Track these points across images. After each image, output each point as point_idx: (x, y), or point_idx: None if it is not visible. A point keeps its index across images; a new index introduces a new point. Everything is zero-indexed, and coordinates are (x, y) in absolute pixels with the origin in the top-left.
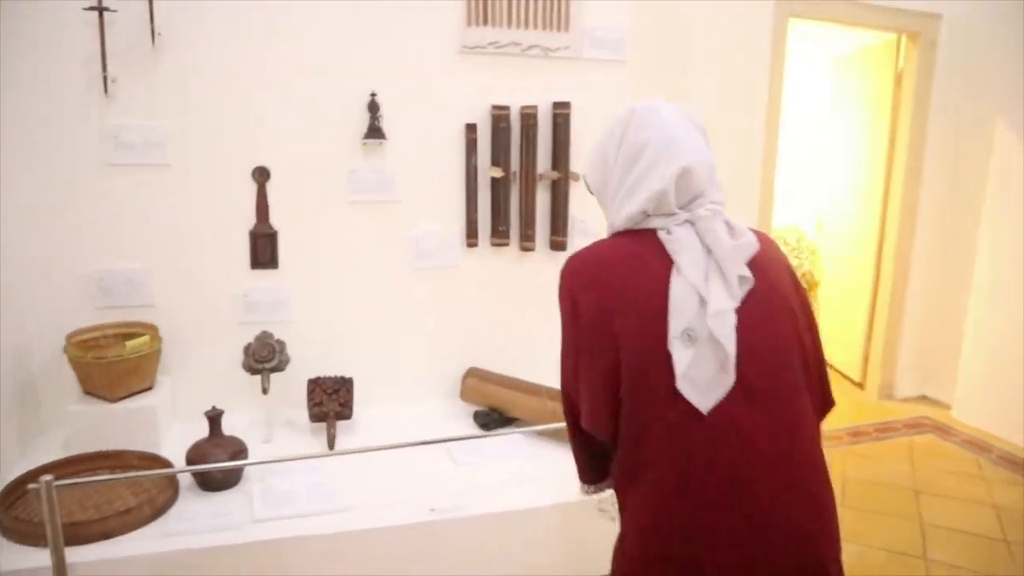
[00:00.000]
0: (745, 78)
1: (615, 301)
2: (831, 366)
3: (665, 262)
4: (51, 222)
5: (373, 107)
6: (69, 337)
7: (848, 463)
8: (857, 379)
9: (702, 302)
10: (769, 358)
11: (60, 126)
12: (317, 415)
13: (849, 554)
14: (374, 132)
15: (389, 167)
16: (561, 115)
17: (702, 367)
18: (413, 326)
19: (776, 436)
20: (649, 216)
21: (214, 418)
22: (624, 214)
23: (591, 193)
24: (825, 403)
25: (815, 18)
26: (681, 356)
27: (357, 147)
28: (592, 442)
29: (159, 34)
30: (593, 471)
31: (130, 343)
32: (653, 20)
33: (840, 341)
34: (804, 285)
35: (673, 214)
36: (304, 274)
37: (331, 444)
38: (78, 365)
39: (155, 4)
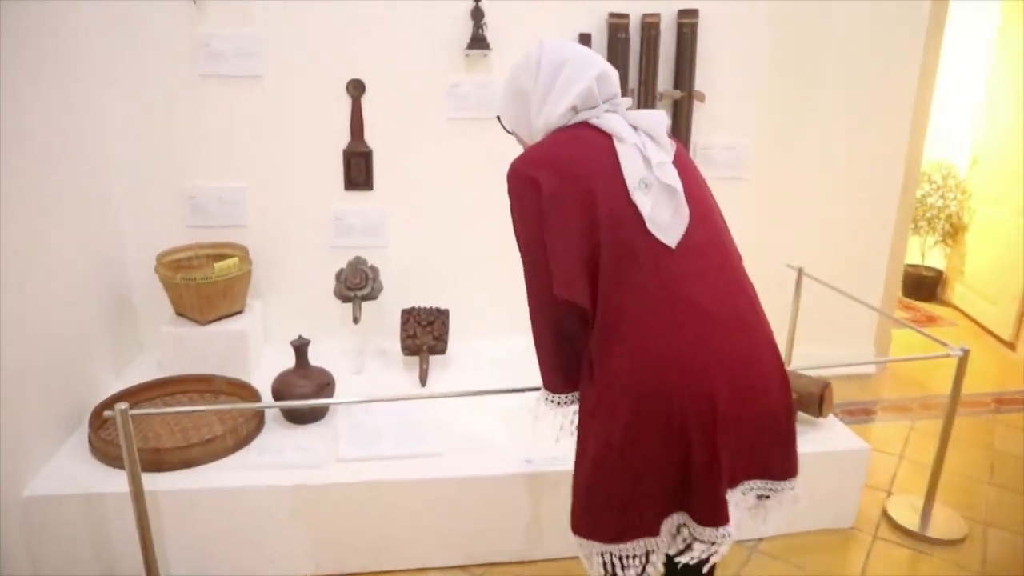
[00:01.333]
0: None
1: (577, 171)
2: (978, 322)
3: (604, 139)
4: (143, 136)
5: (477, 14)
6: (160, 257)
7: (995, 433)
8: (1007, 338)
9: (646, 160)
10: (702, 200)
11: (148, 35)
12: (410, 348)
13: (1003, 544)
14: (478, 42)
15: (494, 81)
16: (687, 25)
17: (660, 209)
18: (516, 254)
19: (726, 264)
20: (577, 112)
21: (300, 347)
22: (556, 114)
23: (507, 131)
24: None
25: None
26: (643, 201)
27: (459, 59)
28: (566, 338)
29: None
30: (565, 375)
31: (219, 265)
32: None
33: (989, 295)
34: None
35: (597, 106)
36: (400, 197)
37: (423, 380)
38: (169, 286)
39: None
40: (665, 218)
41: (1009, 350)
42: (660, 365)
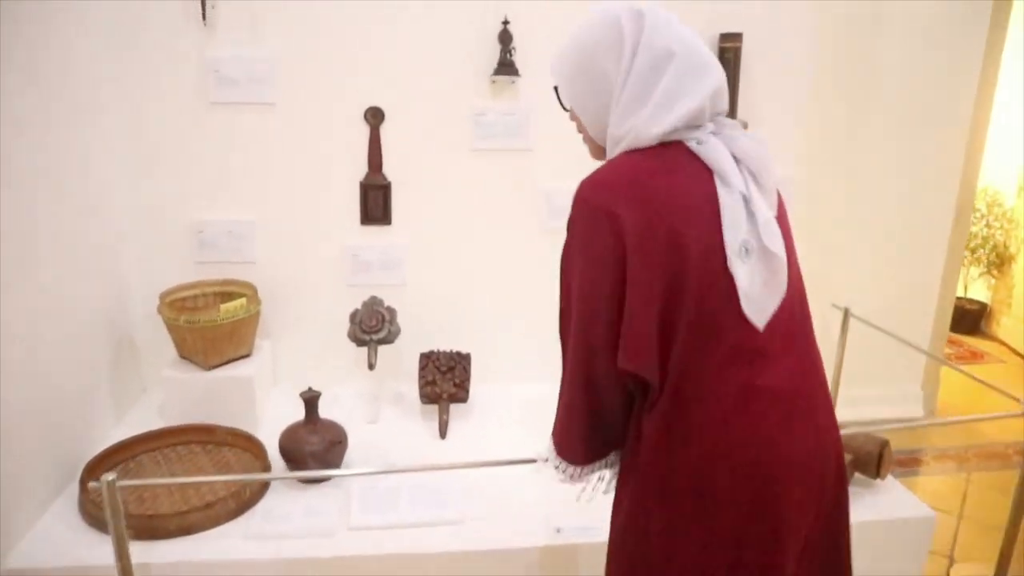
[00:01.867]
0: (960, 5)
1: (670, 214)
2: None
3: (703, 173)
4: (149, 166)
5: (505, 37)
6: (163, 296)
7: None
8: None
9: (750, 215)
10: (793, 262)
11: (155, 59)
12: (429, 396)
13: None
14: (506, 68)
15: (522, 109)
16: (730, 49)
17: (755, 280)
18: (543, 295)
19: (809, 337)
20: (676, 130)
21: (310, 401)
22: (651, 134)
23: (564, 107)
24: None
25: None
26: (741, 273)
27: (485, 85)
28: (606, 413)
29: None
30: (588, 449)
31: (224, 307)
32: None
33: None
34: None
35: (702, 126)
36: (420, 232)
37: (443, 432)
38: (172, 328)
39: None
40: (759, 292)
41: None
42: (741, 471)
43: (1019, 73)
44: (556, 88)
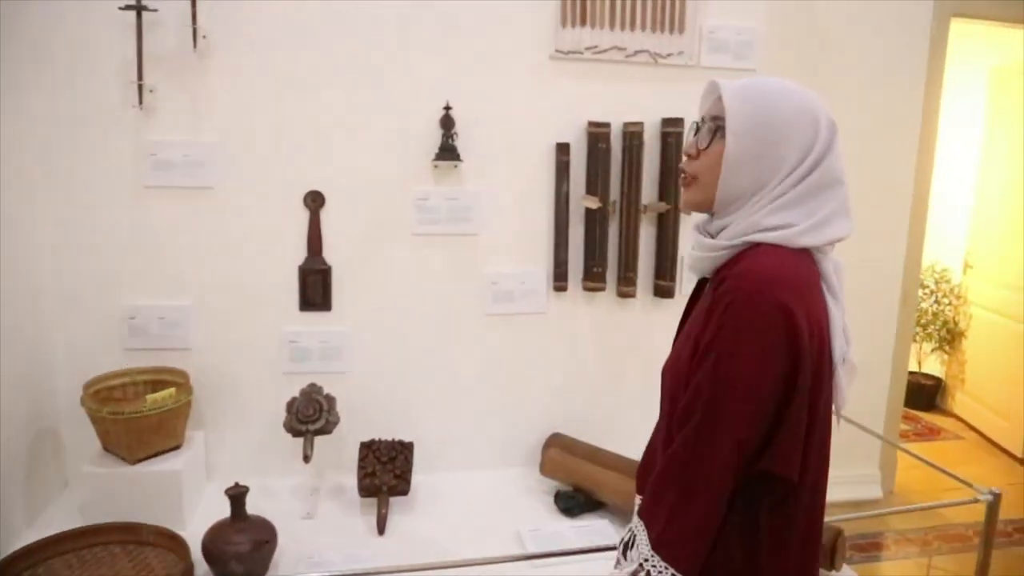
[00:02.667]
0: (896, 90)
1: (819, 323)
2: (983, 435)
3: (817, 281)
4: (79, 250)
5: (447, 123)
6: (87, 386)
7: None
8: (1018, 454)
9: (845, 328)
10: None
11: (89, 142)
12: (368, 489)
13: None
14: (447, 152)
15: (465, 194)
16: (672, 134)
17: (841, 395)
18: (487, 382)
19: None
20: None
21: (236, 497)
22: (803, 242)
23: (699, 144)
24: None
25: (982, 17)
26: (841, 381)
27: (427, 170)
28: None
29: (203, 37)
30: (707, 550)
31: (151, 397)
32: (785, 21)
33: (996, 406)
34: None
35: None
36: (361, 318)
37: (381, 527)
38: (95, 419)
39: (199, 3)
40: (842, 401)
41: (1021, 466)
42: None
43: (958, 147)
44: (707, 120)
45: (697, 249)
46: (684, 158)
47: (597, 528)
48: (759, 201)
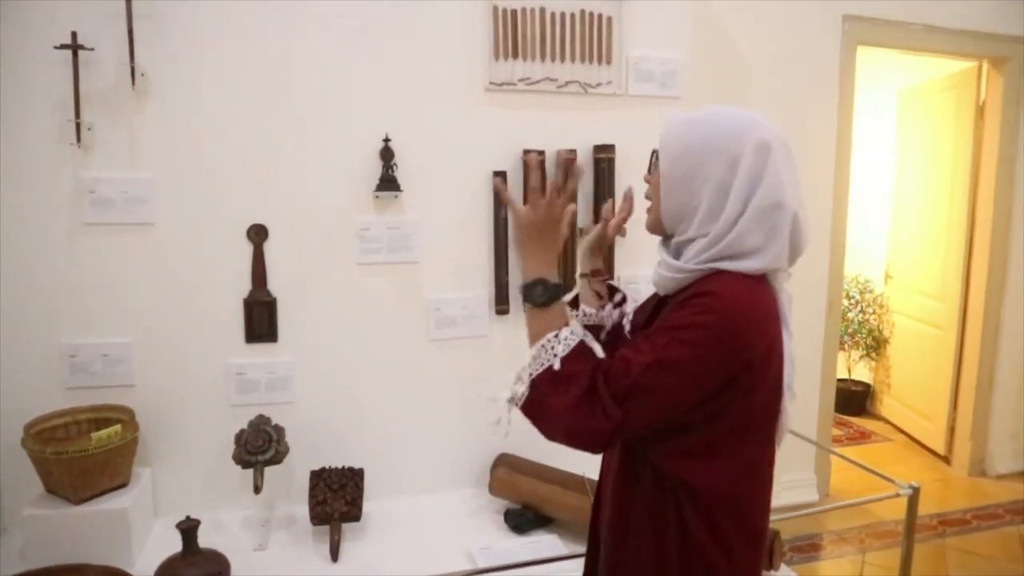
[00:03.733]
0: (811, 113)
1: (779, 354)
2: (910, 436)
3: (776, 312)
4: (18, 289)
5: (386, 154)
6: (28, 427)
7: (950, 562)
8: (942, 452)
9: (791, 359)
10: None
11: (27, 180)
12: (320, 516)
13: None
14: (388, 183)
15: (406, 223)
16: (604, 160)
17: (786, 416)
18: (434, 406)
19: None
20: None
21: (187, 531)
22: (756, 266)
23: (647, 174)
24: None
25: (885, 45)
26: (788, 409)
27: (368, 201)
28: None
29: (141, 75)
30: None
31: (96, 435)
32: (707, 51)
33: (919, 408)
34: (864, 341)
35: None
36: (307, 348)
37: (334, 555)
38: (37, 460)
39: (137, 40)
40: (782, 431)
41: (944, 464)
42: None
43: (876, 164)
44: (655, 151)
45: (663, 268)
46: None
47: (546, 543)
48: (706, 221)
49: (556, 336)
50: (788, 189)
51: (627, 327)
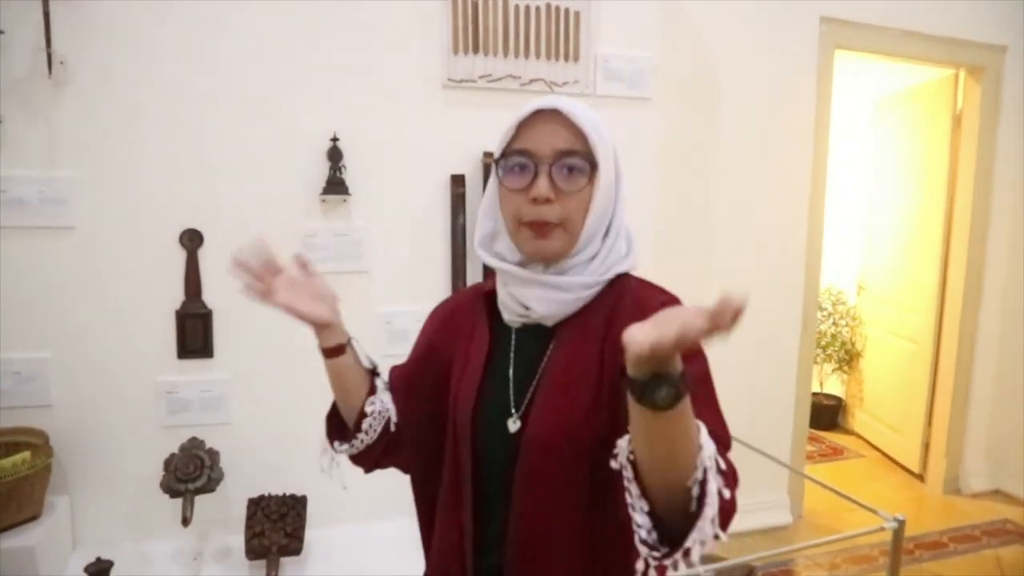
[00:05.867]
0: (787, 119)
1: None
2: (883, 452)
3: None
4: None
5: (334, 155)
6: None
7: None
8: (916, 470)
9: None
10: None
11: None
12: (256, 550)
13: None
14: (335, 186)
15: (355, 230)
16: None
17: None
18: None
19: None
20: None
21: (98, 575)
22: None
23: (552, 186)
24: None
25: (863, 50)
26: None
27: (315, 205)
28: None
29: (60, 63)
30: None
31: (1, 463)
32: (678, 51)
33: (892, 423)
34: (836, 355)
35: None
36: (245, 365)
37: None
38: None
39: (54, 25)
40: None
41: (919, 481)
42: None
43: (852, 174)
44: (575, 153)
45: (555, 292)
46: (531, 205)
47: None
48: (611, 227)
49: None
50: None
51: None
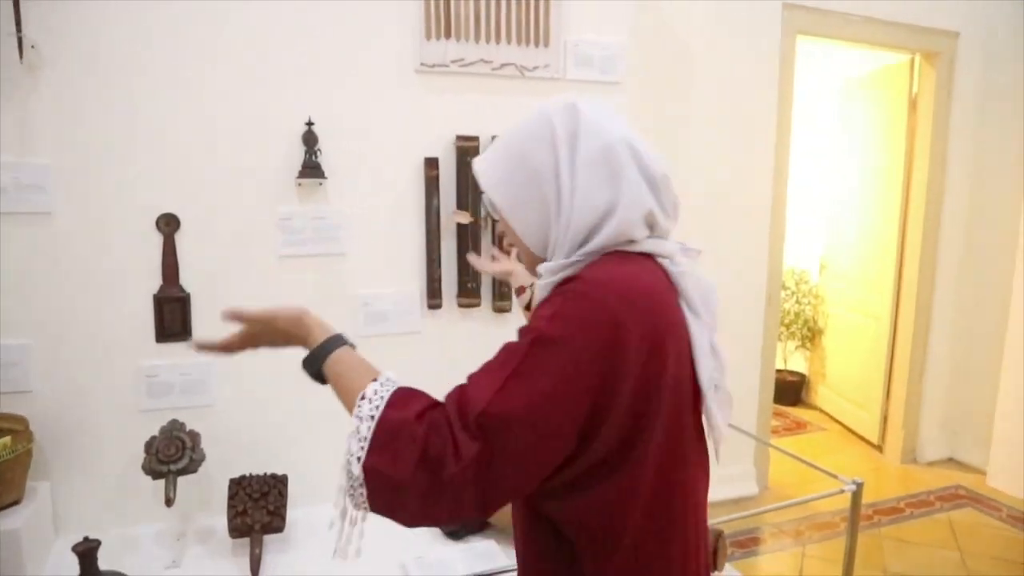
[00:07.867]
0: (751, 103)
1: (665, 342)
2: (844, 425)
3: (673, 296)
4: None
5: (310, 139)
6: None
7: (886, 551)
8: (875, 441)
9: (714, 350)
10: None
11: None
12: (239, 529)
13: None
14: (311, 170)
15: (331, 213)
16: None
17: (719, 425)
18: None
19: None
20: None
21: (85, 554)
22: (632, 236)
23: (494, 215)
24: None
25: (824, 35)
26: (713, 409)
27: (291, 189)
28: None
29: (31, 47)
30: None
31: None
32: (648, 37)
33: (853, 397)
34: (800, 332)
35: (666, 239)
36: None
37: (254, 570)
38: None
39: (24, 8)
40: (723, 429)
41: (878, 452)
42: None
43: (815, 155)
44: (486, 197)
45: (542, 279)
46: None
47: (482, 550)
48: (559, 212)
49: (363, 398)
50: (612, 128)
51: None
